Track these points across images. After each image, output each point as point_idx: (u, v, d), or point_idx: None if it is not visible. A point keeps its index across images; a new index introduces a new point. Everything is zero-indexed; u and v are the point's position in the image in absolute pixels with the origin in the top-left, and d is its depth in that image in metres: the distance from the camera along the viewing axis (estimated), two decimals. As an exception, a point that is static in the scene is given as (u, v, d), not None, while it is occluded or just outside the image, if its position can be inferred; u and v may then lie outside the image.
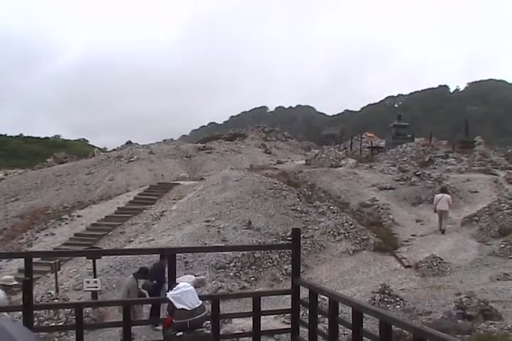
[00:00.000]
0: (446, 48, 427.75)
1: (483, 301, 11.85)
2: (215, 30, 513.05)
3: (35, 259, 13.07)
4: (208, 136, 70.13)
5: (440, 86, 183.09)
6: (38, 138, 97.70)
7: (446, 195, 23.62)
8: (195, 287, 13.42)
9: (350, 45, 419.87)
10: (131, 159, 44.41)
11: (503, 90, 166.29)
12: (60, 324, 12.95)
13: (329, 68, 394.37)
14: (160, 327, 10.11)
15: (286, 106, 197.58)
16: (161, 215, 26.29)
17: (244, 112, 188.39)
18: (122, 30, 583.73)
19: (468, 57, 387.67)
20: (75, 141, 68.43)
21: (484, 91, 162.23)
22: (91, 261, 17.03)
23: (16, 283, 11.79)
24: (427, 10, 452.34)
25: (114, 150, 60.90)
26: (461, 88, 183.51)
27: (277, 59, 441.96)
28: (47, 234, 26.70)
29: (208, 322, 8.04)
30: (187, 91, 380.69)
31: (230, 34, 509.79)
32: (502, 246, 19.18)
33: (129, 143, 70.31)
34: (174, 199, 29.28)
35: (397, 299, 13.79)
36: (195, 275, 14.26)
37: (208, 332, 7.57)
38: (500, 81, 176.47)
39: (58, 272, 17.61)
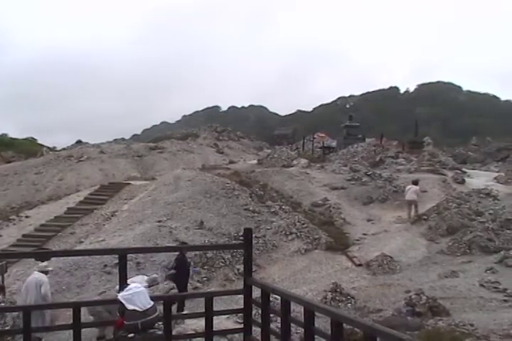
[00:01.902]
0: (397, 51, 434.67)
1: (432, 298, 12.08)
2: (170, 30, 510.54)
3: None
4: (159, 135, 69.68)
5: (390, 87, 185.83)
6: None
7: (414, 186, 25.07)
8: (150, 286, 13.49)
9: (304, 47, 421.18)
10: (82, 158, 43.80)
11: (451, 92, 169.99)
12: (6, 328, 12.62)
13: (282, 69, 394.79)
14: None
15: (239, 106, 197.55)
16: (112, 215, 25.95)
17: (197, 112, 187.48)
18: (77, 29, 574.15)
19: (418, 59, 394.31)
20: (23, 139, 66.86)
21: (433, 93, 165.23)
22: (40, 262, 16.70)
23: (51, 269, 13.98)
24: (379, 13, 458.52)
25: (64, 149, 59.78)
26: (411, 90, 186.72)
27: (231, 59, 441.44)
28: (-7, 236, 26.07)
29: (160, 323, 7.96)
30: (140, 90, 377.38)
31: (185, 34, 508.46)
32: (450, 244, 19.56)
33: (79, 142, 69.21)
34: (125, 199, 28.95)
35: (349, 297, 13.93)
36: (147, 276, 14.14)
37: (160, 333, 7.49)
38: (448, 83, 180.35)
39: (5, 274, 17.18)
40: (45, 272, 13.21)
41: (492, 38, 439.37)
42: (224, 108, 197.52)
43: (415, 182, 25.84)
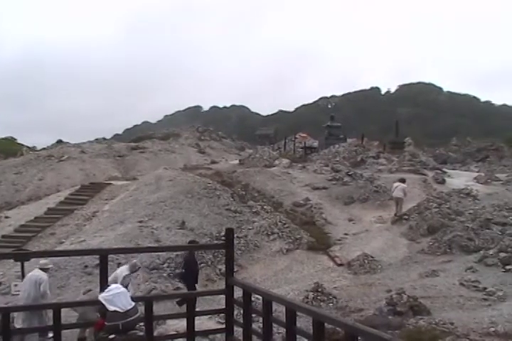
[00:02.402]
0: (379, 52, 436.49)
1: (413, 297, 12.15)
2: (153, 30, 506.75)
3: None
4: (141, 135, 69.28)
5: (372, 88, 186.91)
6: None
7: (402, 184, 25.02)
8: (132, 271, 13.65)
9: (287, 48, 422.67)
10: (62, 158, 43.50)
11: (432, 93, 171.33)
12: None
13: (265, 70, 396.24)
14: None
15: (221, 106, 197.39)
16: (93, 216, 25.80)
17: (179, 111, 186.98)
18: (61, 28, 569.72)
19: (399, 60, 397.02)
20: (2, 139, 66.30)
21: (414, 93, 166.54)
22: (19, 263, 16.51)
23: (51, 266, 13.98)
24: (362, 15, 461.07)
25: (44, 149, 59.34)
26: (392, 90, 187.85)
27: (214, 59, 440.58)
28: (-28, 236, 25.80)
29: (141, 324, 7.92)
30: (122, 90, 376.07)
31: (168, 34, 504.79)
32: (430, 243, 19.70)
33: (59, 142, 68.61)
34: (106, 199, 28.79)
35: (330, 297, 13.97)
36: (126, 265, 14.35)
37: (141, 334, 7.45)
38: (429, 84, 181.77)
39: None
40: (45, 270, 13.34)
41: (473, 40, 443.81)
42: (206, 108, 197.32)
43: (402, 180, 25.85)
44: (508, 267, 15.69)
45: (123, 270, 13.94)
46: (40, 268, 13.18)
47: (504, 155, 45.91)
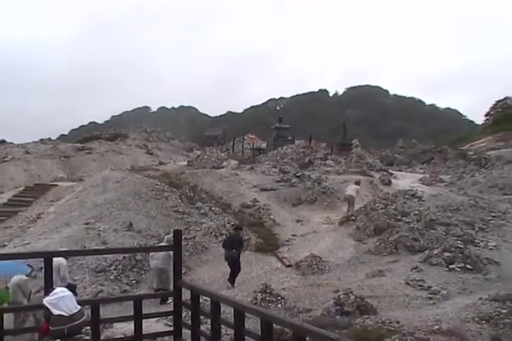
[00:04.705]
0: (328, 56, 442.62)
1: (360, 297, 12.26)
2: (107, 32, 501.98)
3: None
4: (87, 135, 68.16)
5: (320, 90, 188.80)
6: None
7: (354, 185, 26.25)
8: None
9: (237, 51, 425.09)
10: (5, 159, 42.60)
11: (379, 96, 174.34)
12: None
13: (215, 71, 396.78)
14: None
15: (169, 107, 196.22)
16: (38, 218, 25.30)
17: (126, 112, 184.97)
18: (9, 27, 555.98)
19: (347, 63, 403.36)
20: None
21: (361, 96, 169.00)
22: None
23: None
24: (310, 19, 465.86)
25: (-14, 149, 57.87)
26: (340, 92, 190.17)
27: (164, 61, 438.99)
28: None
29: (88, 327, 7.79)
30: (71, 91, 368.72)
31: (121, 36, 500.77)
32: (377, 244, 19.95)
33: (3, 142, 66.88)
34: (52, 201, 28.28)
35: (279, 298, 13.98)
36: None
37: (88, 338, 7.34)
38: (376, 87, 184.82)
39: None
40: None
41: (419, 46, 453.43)
42: (154, 108, 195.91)
43: (357, 182, 26.97)
44: (451, 266, 16.02)
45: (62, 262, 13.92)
46: None
47: (448, 157, 46.86)
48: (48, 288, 7.58)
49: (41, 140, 59.79)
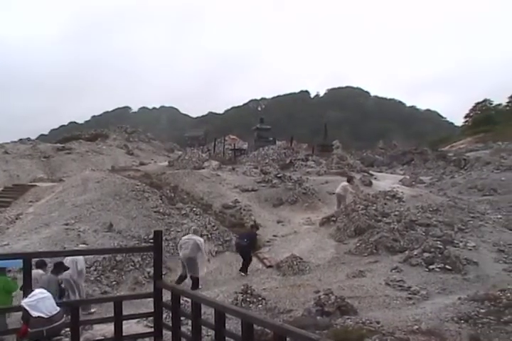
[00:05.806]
0: (309, 57, 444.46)
1: (340, 298, 12.30)
2: (92, 33, 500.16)
3: None
4: (67, 135, 67.64)
5: (301, 91, 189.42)
6: None
7: (344, 183, 26.47)
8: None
9: (219, 53, 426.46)
10: (-16, 159, 42.09)
11: (360, 97, 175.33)
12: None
13: (197, 72, 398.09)
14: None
15: (150, 107, 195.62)
16: (17, 218, 25.06)
17: (107, 112, 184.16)
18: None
19: (329, 65, 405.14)
20: None
21: (342, 97, 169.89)
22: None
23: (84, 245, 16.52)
24: (292, 21, 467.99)
25: (-36, 149, 57.27)
26: (321, 94, 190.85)
27: (145, 62, 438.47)
28: None
29: (67, 329, 7.73)
30: (52, 91, 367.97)
31: (102, 37, 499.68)
32: (357, 244, 20.01)
33: (-20, 142, 66.32)
34: (31, 201, 28.04)
35: (259, 298, 13.99)
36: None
37: (67, 339, 7.28)
38: (357, 88, 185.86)
39: None
40: None
41: (400, 48, 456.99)
42: (135, 109, 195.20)
43: (349, 179, 27.46)
44: (431, 267, 16.13)
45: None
46: None
47: (428, 158, 47.26)
48: (27, 290, 7.52)
49: (20, 140, 59.32)
